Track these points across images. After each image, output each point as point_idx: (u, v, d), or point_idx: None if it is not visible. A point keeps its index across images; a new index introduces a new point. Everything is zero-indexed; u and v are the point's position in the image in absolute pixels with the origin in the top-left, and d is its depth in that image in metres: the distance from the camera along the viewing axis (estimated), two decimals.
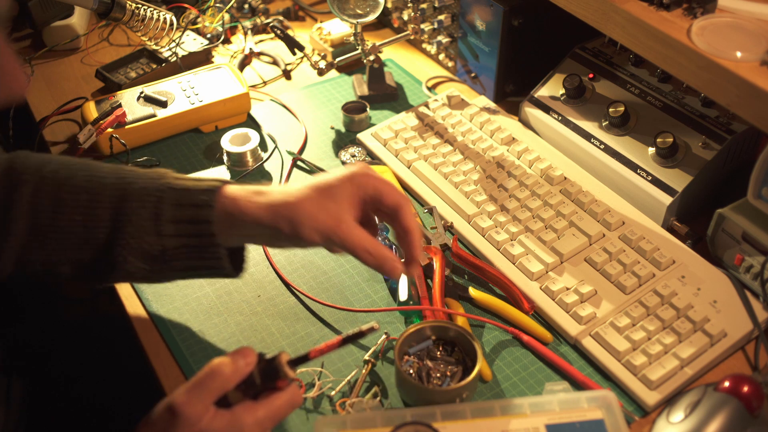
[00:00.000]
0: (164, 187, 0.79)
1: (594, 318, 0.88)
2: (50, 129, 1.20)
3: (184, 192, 0.79)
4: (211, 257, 0.79)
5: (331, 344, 0.69)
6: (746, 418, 0.75)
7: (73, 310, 1.30)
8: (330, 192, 0.75)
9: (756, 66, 0.77)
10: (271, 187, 0.78)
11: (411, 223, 0.78)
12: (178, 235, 0.78)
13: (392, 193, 0.77)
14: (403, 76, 1.31)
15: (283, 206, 0.75)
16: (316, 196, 0.75)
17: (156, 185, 0.79)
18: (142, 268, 0.79)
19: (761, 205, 0.88)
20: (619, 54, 1.12)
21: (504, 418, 0.77)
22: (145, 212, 0.78)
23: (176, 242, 0.78)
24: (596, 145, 1.06)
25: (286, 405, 0.66)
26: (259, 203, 0.76)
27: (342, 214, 0.75)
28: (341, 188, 0.76)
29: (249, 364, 0.65)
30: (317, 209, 0.74)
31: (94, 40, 1.40)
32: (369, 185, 0.77)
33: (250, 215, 0.76)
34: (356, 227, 0.76)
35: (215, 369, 0.64)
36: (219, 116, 1.18)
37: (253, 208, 0.76)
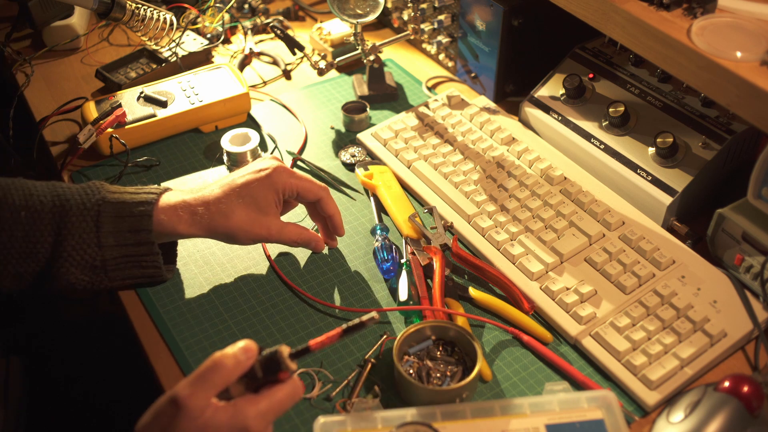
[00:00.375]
0: (102, 201, 0.84)
1: (594, 318, 0.88)
2: (50, 129, 1.20)
3: (122, 204, 0.84)
4: (149, 265, 0.86)
5: (332, 336, 0.69)
6: (746, 418, 0.75)
7: (73, 310, 1.30)
8: (258, 204, 0.86)
9: (756, 66, 0.77)
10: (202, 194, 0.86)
11: (333, 208, 0.93)
12: (119, 245, 0.83)
13: (311, 189, 0.90)
14: (403, 76, 1.31)
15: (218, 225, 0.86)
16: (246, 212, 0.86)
17: (94, 199, 0.84)
18: (83, 279, 0.84)
19: (761, 205, 0.88)
20: (619, 54, 1.12)
21: (504, 418, 0.77)
22: (86, 225, 0.82)
23: (117, 252, 0.84)
24: (596, 145, 1.06)
25: (288, 397, 0.67)
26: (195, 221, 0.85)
27: (270, 221, 0.88)
28: (267, 198, 0.87)
29: (250, 358, 0.66)
30: (250, 225, 0.86)
31: (94, 40, 1.40)
32: (288, 187, 0.88)
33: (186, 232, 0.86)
34: (284, 227, 0.90)
35: (217, 362, 0.65)
36: (219, 116, 1.18)
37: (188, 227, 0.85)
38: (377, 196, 1.06)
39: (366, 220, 1.04)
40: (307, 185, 0.90)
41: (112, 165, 1.12)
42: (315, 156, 1.15)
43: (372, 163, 1.11)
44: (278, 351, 0.66)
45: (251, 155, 1.11)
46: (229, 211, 0.85)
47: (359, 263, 0.98)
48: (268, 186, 0.86)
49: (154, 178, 1.11)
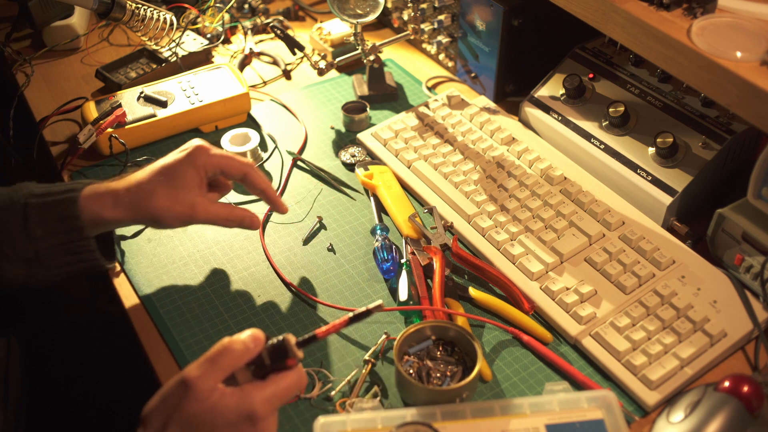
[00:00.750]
0: (29, 194, 0.84)
1: (594, 318, 0.88)
2: (50, 129, 1.20)
3: (48, 195, 0.84)
4: (82, 250, 0.84)
5: (338, 324, 0.71)
6: (746, 418, 0.75)
7: (73, 310, 1.30)
8: (178, 182, 0.85)
9: (756, 66, 0.77)
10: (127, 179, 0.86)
11: (261, 182, 0.90)
12: (48, 235, 0.83)
13: (234, 165, 0.88)
14: (403, 76, 1.31)
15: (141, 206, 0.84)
16: (167, 190, 0.84)
17: (21, 194, 0.84)
18: (20, 273, 0.83)
19: (761, 205, 0.88)
20: (619, 54, 1.12)
21: (504, 418, 0.77)
22: (13, 219, 0.82)
23: (47, 242, 0.83)
24: (596, 145, 1.06)
25: (294, 384, 0.68)
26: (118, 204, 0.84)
27: (193, 198, 0.85)
28: (187, 174, 0.85)
29: (258, 345, 0.67)
30: (172, 202, 0.84)
31: (94, 40, 1.40)
32: (210, 164, 0.86)
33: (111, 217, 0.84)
34: (209, 205, 0.87)
35: (227, 346, 0.66)
36: (219, 116, 1.18)
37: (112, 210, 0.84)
38: (377, 196, 1.06)
39: (366, 220, 1.04)
40: (229, 162, 0.88)
41: (112, 165, 1.12)
42: (315, 156, 1.15)
43: (372, 163, 1.11)
44: (285, 339, 0.68)
45: (251, 155, 1.12)
46: (150, 191, 0.84)
47: (359, 263, 0.98)
48: (188, 164, 0.85)
49: None
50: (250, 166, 0.90)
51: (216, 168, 0.87)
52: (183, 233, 1.02)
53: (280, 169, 1.13)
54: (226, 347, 0.66)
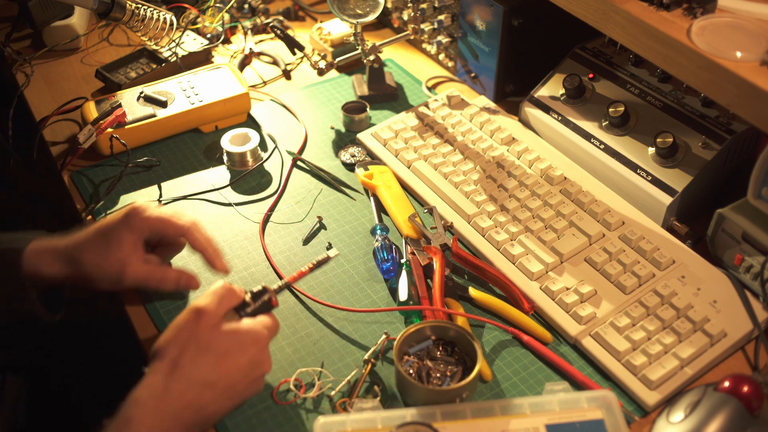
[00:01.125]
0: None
1: (594, 318, 0.88)
2: (50, 129, 1.20)
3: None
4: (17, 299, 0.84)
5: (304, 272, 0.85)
6: (746, 418, 0.75)
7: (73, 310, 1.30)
8: (111, 242, 0.85)
9: (756, 66, 0.77)
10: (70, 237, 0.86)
11: (199, 244, 0.88)
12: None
13: (170, 227, 0.87)
14: (403, 76, 1.31)
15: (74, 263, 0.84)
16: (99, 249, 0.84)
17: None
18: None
19: (761, 205, 0.88)
20: (619, 54, 1.12)
21: (504, 418, 0.77)
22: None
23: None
24: (596, 145, 1.06)
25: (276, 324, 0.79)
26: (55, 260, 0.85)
27: (124, 258, 0.84)
28: (120, 235, 0.85)
29: (241, 290, 0.79)
30: (102, 260, 0.84)
31: (94, 40, 1.41)
32: (146, 226, 0.86)
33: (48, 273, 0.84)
34: (141, 266, 0.86)
35: (227, 285, 0.77)
36: (219, 116, 1.18)
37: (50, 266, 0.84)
38: (377, 196, 1.06)
39: (366, 220, 1.04)
40: (165, 224, 0.86)
41: (112, 165, 1.12)
42: (315, 156, 1.15)
43: (372, 163, 1.11)
44: (265, 286, 0.81)
45: (251, 155, 1.12)
46: (83, 249, 0.85)
47: (359, 263, 0.98)
48: (122, 224, 0.85)
49: (154, 178, 1.11)
50: (188, 228, 0.87)
51: (152, 229, 0.86)
52: None
53: (280, 169, 1.13)
54: (227, 286, 0.77)
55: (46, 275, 0.85)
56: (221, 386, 0.72)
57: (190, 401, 0.71)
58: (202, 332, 0.72)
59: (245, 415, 0.81)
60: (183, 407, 0.70)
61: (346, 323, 0.91)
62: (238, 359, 0.73)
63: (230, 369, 0.73)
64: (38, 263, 0.84)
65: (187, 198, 1.08)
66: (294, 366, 0.86)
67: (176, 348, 0.71)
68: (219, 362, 0.72)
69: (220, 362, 0.72)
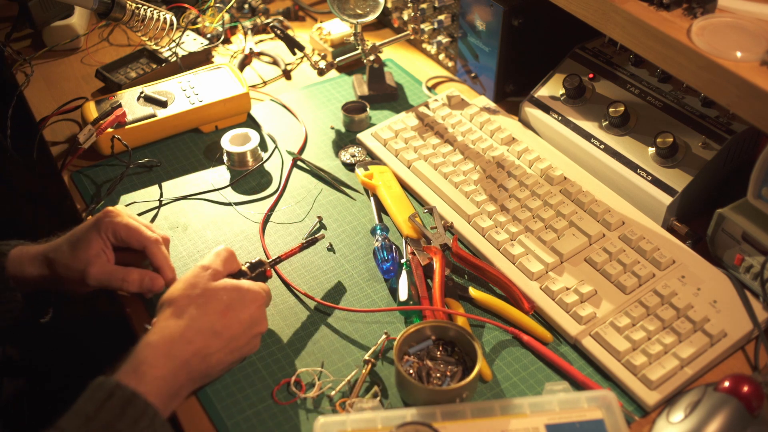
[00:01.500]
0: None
1: (594, 318, 0.88)
2: (50, 129, 1.20)
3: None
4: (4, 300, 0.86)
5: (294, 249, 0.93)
6: (746, 418, 0.75)
7: (73, 310, 1.30)
8: (81, 243, 0.87)
9: (756, 66, 0.77)
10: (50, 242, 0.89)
11: (157, 260, 0.90)
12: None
13: (134, 236, 0.89)
14: (403, 76, 1.31)
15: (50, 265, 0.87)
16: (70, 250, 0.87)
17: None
18: None
19: (761, 205, 0.88)
20: (619, 54, 1.12)
21: (504, 418, 0.77)
22: None
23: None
24: (596, 145, 1.06)
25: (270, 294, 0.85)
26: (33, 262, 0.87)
27: (90, 258, 0.86)
28: (89, 236, 0.87)
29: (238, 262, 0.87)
30: (70, 260, 0.86)
31: (94, 40, 1.41)
32: (112, 228, 0.88)
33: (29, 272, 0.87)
34: (105, 266, 0.87)
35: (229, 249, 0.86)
36: (219, 116, 1.18)
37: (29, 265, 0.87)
38: (377, 196, 1.06)
39: (366, 220, 1.04)
40: (131, 232, 0.88)
41: (112, 165, 1.12)
42: (315, 156, 1.15)
43: (372, 163, 1.11)
44: (261, 260, 0.89)
45: (251, 155, 1.12)
46: (57, 249, 0.88)
47: (359, 263, 0.98)
48: (92, 227, 0.88)
49: (154, 178, 1.11)
50: (151, 242, 0.89)
51: (117, 235, 0.88)
52: (183, 233, 1.02)
53: (280, 169, 1.13)
54: (229, 251, 0.85)
55: (27, 277, 0.87)
56: (225, 336, 0.78)
57: (198, 348, 0.76)
58: (209, 285, 0.79)
59: (245, 414, 0.81)
60: (192, 353, 0.75)
61: (346, 323, 0.91)
62: (240, 313, 0.79)
63: (233, 321, 0.79)
64: (20, 266, 0.87)
65: (187, 198, 1.08)
66: (294, 366, 0.86)
67: (185, 298, 0.78)
68: (224, 313, 0.78)
69: (225, 313, 0.78)
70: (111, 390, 0.69)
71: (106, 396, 0.69)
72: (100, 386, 0.69)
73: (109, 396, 0.69)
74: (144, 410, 0.69)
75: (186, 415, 0.82)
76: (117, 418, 0.68)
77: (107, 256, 0.88)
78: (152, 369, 0.72)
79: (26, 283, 0.88)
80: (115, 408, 0.68)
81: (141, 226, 0.90)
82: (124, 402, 0.68)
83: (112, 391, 0.69)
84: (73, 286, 0.89)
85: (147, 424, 0.69)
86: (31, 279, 0.88)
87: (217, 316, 0.78)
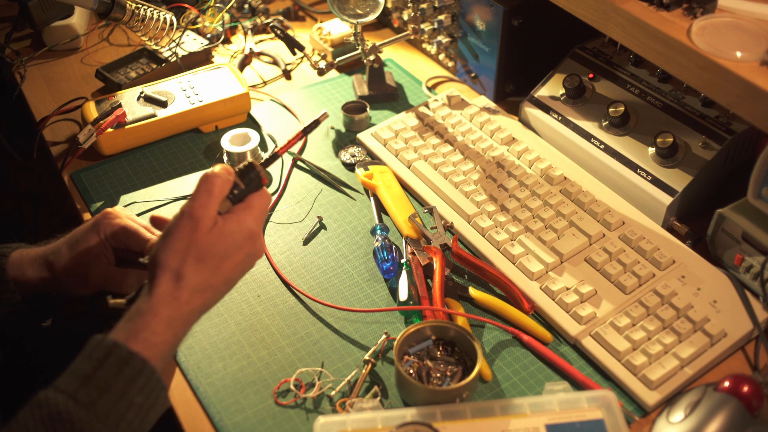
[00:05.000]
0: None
1: (594, 318, 0.88)
2: (50, 129, 1.20)
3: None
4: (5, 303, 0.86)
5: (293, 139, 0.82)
6: (746, 418, 0.75)
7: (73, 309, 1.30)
8: (80, 245, 0.86)
9: (756, 66, 0.77)
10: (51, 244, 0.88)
11: None
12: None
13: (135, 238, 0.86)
14: (403, 76, 1.31)
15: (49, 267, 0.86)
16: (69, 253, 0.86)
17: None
18: None
19: (761, 205, 0.88)
20: (619, 54, 1.12)
21: (504, 418, 0.77)
22: None
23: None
24: (596, 145, 1.06)
25: (268, 201, 0.78)
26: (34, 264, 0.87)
27: (89, 261, 0.86)
28: (88, 238, 0.86)
29: (231, 173, 0.75)
30: (70, 263, 0.86)
31: (94, 40, 1.41)
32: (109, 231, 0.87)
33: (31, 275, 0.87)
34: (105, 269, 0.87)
35: (211, 176, 0.73)
36: (219, 116, 1.18)
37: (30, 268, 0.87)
38: (377, 196, 1.06)
39: (366, 220, 1.04)
40: (131, 234, 0.87)
41: (112, 165, 1.12)
42: (315, 156, 1.15)
43: (372, 163, 1.11)
44: (252, 162, 0.77)
45: (251, 155, 1.12)
46: (56, 251, 0.87)
47: (359, 263, 0.98)
48: (91, 228, 0.87)
49: (154, 178, 1.11)
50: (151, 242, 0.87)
51: (116, 237, 0.87)
52: None
53: (280, 169, 1.13)
54: (211, 177, 0.73)
55: (28, 280, 0.87)
56: (222, 284, 0.75)
57: (197, 305, 0.73)
58: (199, 239, 0.72)
59: (245, 414, 0.81)
60: (191, 311, 0.73)
61: (346, 323, 0.91)
62: (236, 257, 0.75)
63: (229, 268, 0.75)
64: (20, 268, 0.87)
65: (187, 198, 1.07)
66: (294, 366, 0.86)
67: (177, 258, 0.72)
68: (219, 265, 0.74)
69: (220, 265, 0.74)
70: (109, 349, 0.68)
71: (104, 355, 0.68)
72: (98, 345, 0.69)
73: (107, 355, 0.68)
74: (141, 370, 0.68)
75: (186, 415, 0.82)
76: (114, 377, 0.67)
77: (107, 258, 0.88)
78: (153, 336, 0.70)
79: (26, 285, 0.87)
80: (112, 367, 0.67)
81: (140, 228, 0.89)
82: (121, 361, 0.68)
83: (110, 350, 0.68)
84: (73, 288, 0.88)
85: (144, 383, 0.68)
86: (31, 281, 0.87)
87: (212, 271, 0.74)
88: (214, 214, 0.73)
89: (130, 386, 0.68)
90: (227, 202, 0.75)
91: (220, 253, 0.73)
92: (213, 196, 0.73)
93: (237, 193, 0.76)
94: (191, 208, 0.72)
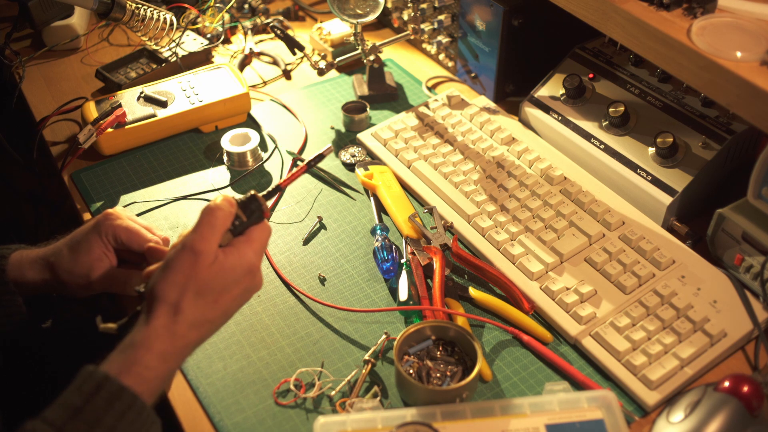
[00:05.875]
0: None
1: (594, 318, 0.88)
2: (50, 129, 1.20)
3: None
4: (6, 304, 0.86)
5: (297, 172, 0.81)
6: (746, 418, 0.75)
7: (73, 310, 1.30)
8: (81, 246, 0.87)
9: (756, 66, 0.77)
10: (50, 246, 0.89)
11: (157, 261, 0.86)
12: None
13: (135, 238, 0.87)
14: (403, 76, 1.31)
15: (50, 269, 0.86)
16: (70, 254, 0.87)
17: None
18: None
19: (761, 205, 0.88)
20: (619, 54, 1.12)
21: (504, 418, 0.77)
22: None
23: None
24: (596, 145, 1.06)
25: (268, 234, 0.77)
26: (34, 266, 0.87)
27: (92, 262, 0.86)
28: (90, 240, 0.87)
29: (233, 205, 0.74)
30: (72, 265, 0.86)
31: (94, 40, 1.40)
32: (111, 232, 0.87)
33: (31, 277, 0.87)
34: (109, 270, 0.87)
35: (214, 209, 0.73)
36: (219, 116, 1.18)
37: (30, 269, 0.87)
38: (377, 196, 1.06)
39: (366, 220, 1.04)
40: (133, 234, 0.88)
41: (112, 165, 1.12)
42: None
43: (372, 163, 1.11)
44: (254, 194, 0.76)
45: (251, 155, 1.12)
46: (57, 254, 0.87)
47: (359, 263, 0.98)
48: (92, 230, 0.87)
49: (154, 178, 1.11)
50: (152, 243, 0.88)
51: (117, 237, 0.87)
52: None
53: (280, 169, 1.13)
54: (214, 210, 0.73)
55: (28, 281, 0.87)
56: (219, 318, 0.74)
57: (192, 339, 0.73)
58: (199, 274, 0.71)
59: (245, 414, 0.81)
60: (185, 345, 0.72)
61: (346, 323, 0.91)
62: (234, 291, 0.74)
63: (227, 302, 0.74)
64: (21, 270, 0.87)
65: (187, 198, 1.08)
66: (294, 366, 0.86)
67: (176, 291, 0.71)
68: (217, 300, 0.73)
69: (218, 299, 0.73)
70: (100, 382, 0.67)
71: (95, 389, 0.67)
72: (89, 377, 0.68)
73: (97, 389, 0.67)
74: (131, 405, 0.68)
75: (186, 415, 0.82)
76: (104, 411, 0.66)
77: (109, 259, 0.88)
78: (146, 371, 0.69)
79: (27, 287, 0.87)
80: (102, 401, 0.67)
81: (141, 229, 0.89)
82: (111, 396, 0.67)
83: (101, 384, 0.67)
84: (75, 289, 0.88)
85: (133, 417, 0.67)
86: (32, 283, 0.87)
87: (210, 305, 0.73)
88: (216, 248, 0.72)
89: (120, 421, 0.67)
90: (228, 235, 0.74)
91: (219, 288, 0.72)
92: (215, 229, 0.72)
93: (238, 224, 0.74)
94: (193, 241, 0.71)
